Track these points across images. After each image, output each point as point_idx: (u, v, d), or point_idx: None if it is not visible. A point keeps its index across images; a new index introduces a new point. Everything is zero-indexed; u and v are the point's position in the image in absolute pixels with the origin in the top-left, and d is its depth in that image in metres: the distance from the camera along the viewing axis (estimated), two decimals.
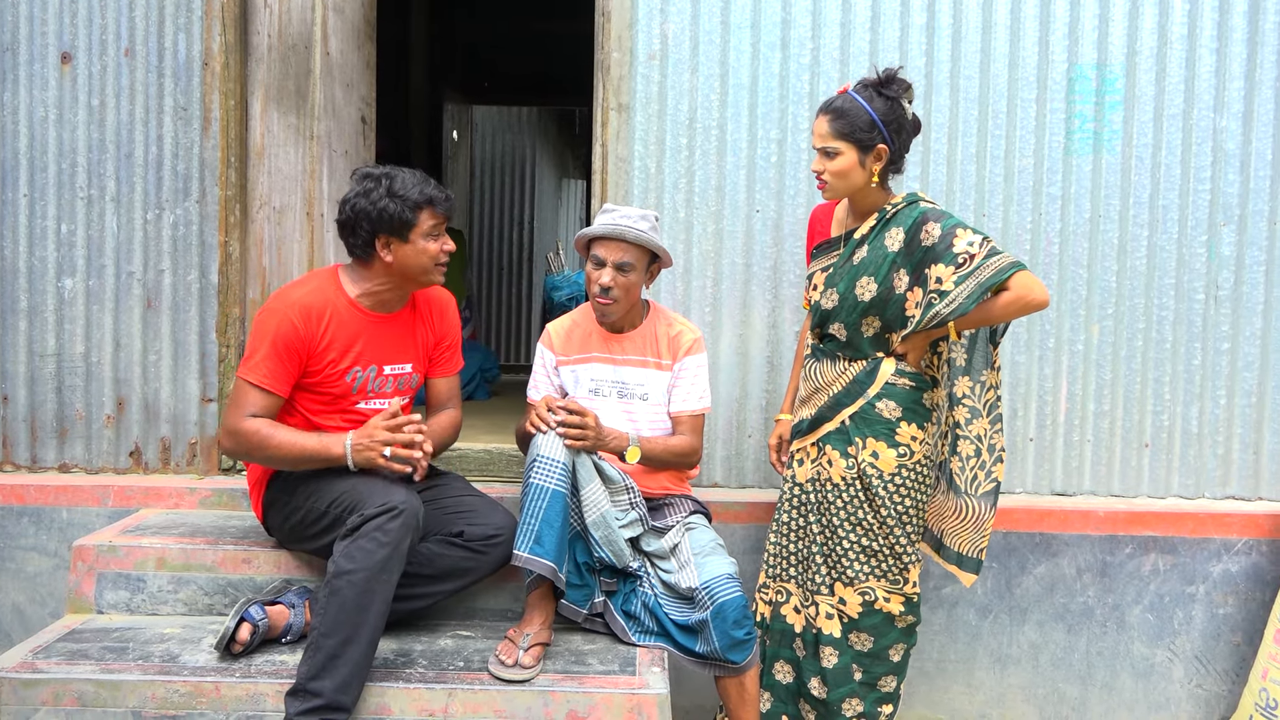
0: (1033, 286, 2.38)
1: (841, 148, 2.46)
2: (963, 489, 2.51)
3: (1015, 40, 3.26)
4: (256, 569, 2.77)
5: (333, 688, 2.24)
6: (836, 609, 2.57)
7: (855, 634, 2.56)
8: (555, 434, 2.54)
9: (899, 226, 2.49)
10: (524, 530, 2.48)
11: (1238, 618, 3.24)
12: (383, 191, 2.52)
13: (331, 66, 3.46)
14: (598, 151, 3.29)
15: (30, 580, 3.21)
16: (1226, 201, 3.28)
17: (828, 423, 2.59)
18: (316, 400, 2.61)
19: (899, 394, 2.53)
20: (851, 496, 2.54)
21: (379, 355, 2.66)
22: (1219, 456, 3.32)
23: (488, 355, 5.48)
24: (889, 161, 2.48)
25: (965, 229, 2.41)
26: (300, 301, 2.56)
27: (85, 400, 3.31)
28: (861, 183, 2.49)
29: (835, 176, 2.48)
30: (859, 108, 2.44)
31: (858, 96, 2.46)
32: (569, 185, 11.13)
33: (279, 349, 2.51)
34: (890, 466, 2.51)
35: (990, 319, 2.43)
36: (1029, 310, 2.41)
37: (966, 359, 2.50)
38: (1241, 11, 3.24)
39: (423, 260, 2.58)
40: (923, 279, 2.43)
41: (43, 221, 3.28)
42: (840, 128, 2.45)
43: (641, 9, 3.24)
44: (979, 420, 2.50)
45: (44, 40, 3.25)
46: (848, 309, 2.53)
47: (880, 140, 2.45)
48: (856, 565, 2.54)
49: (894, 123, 2.45)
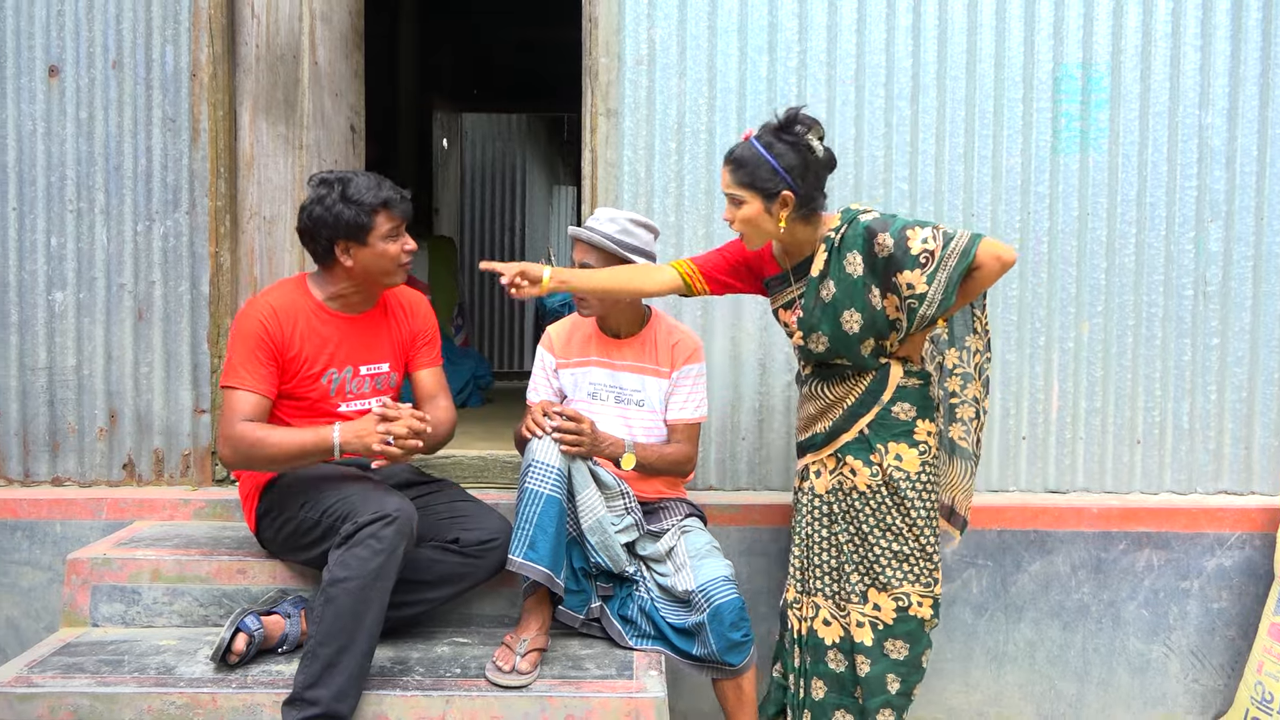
0: (999, 252, 2.39)
1: (745, 196, 2.42)
2: (970, 450, 2.59)
3: (1001, 41, 3.27)
4: (251, 579, 2.77)
5: (330, 696, 2.24)
6: (870, 616, 2.54)
7: (891, 641, 2.53)
8: (551, 439, 2.54)
9: (852, 250, 2.45)
10: (519, 535, 2.47)
11: (1232, 612, 3.25)
12: (336, 197, 2.53)
13: (320, 76, 3.47)
14: (587, 157, 3.30)
15: (25, 594, 3.19)
16: (1213, 198, 3.30)
17: (845, 433, 2.57)
18: (296, 406, 2.61)
19: (911, 394, 2.54)
20: (880, 503, 2.53)
21: (353, 356, 2.67)
22: (1211, 452, 3.34)
23: (481, 362, 5.48)
24: (798, 206, 2.43)
25: (913, 227, 2.40)
26: (268, 304, 2.60)
27: (77, 413, 3.30)
28: (772, 230, 2.45)
29: (744, 224, 2.45)
30: (758, 156, 2.40)
31: (757, 144, 2.41)
32: (559, 191, 11.13)
33: (254, 351, 2.54)
34: (915, 466, 2.52)
35: (970, 295, 2.47)
36: (1003, 272, 2.42)
37: (949, 331, 2.58)
38: (1224, 9, 3.27)
39: (383, 263, 2.59)
40: (894, 286, 2.42)
41: (32, 235, 3.27)
42: (741, 177, 2.42)
43: (628, 15, 3.25)
44: (973, 384, 2.57)
45: (31, 53, 3.25)
46: (843, 344, 2.51)
47: (784, 187, 2.39)
48: (890, 571, 2.52)
49: (797, 168, 2.39)
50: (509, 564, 2.48)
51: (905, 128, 3.27)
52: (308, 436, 2.48)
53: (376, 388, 2.72)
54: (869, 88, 3.27)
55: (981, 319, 2.60)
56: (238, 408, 2.51)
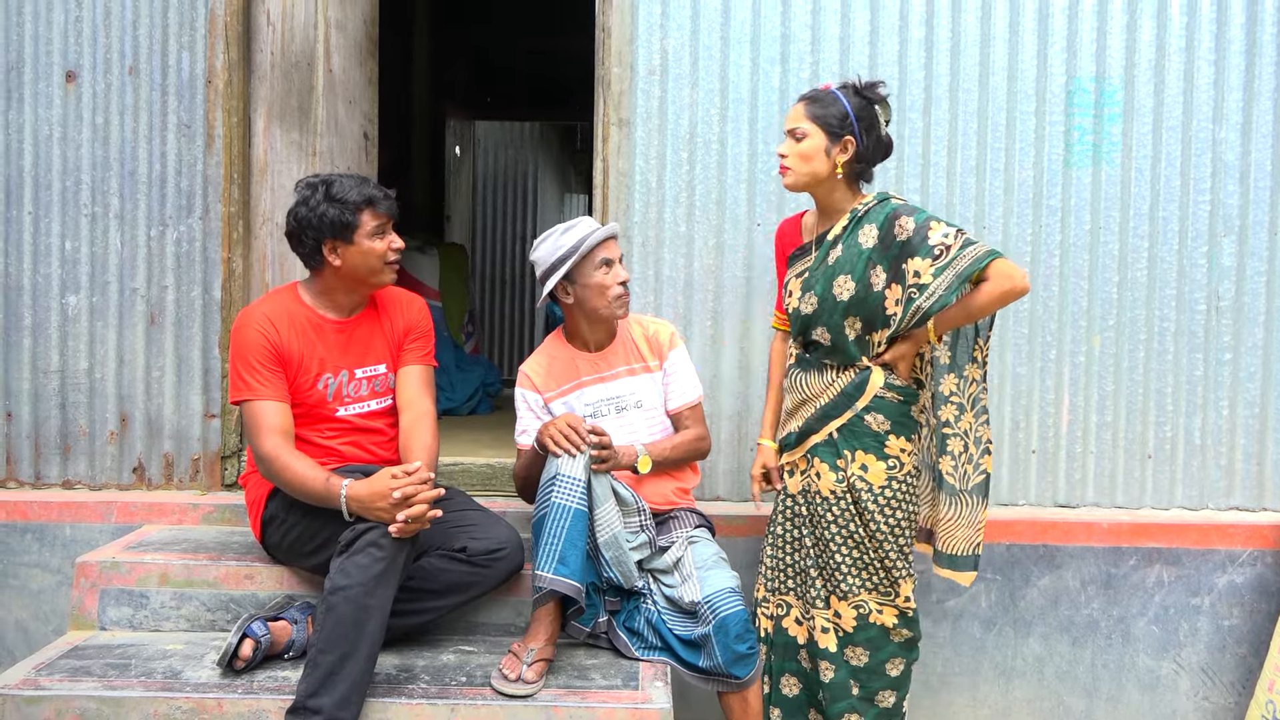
0: (1012, 274, 2.39)
1: (810, 130, 2.47)
2: (956, 486, 2.51)
3: (1014, 54, 3.27)
4: (259, 585, 2.77)
5: (332, 704, 2.24)
6: (832, 623, 2.56)
7: (851, 648, 2.54)
8: (586, 455, 2.51)
9: (872, 223, 2.49)
10: (547, 550, 2.44)
11: (1243, 629, 3.22)
12: (321, 197, 2.55)
13: (334, 83, 3.48)
14: (599, 166, 3.30)
15: (34, 597, 3.21)
16: (1227, 212, 3.29)
17: (815, 434, 2.57)
18: (295, 412, 2.62)
19: (888, 407, 2.52)
20: (842, 510, 2.53)
21: (347, 359, 2.68)
22: (1222, 467, 3.32)
23: (490, 369, 5.49)
24: (855, 159, 2.49)
25: (939, 222, 2.43)
26: (261, 313, 2.63)
27: (89, 416, 3.32)
28: (824, 172, 2.48)
29: (799, 159, 2.49)
30: (835, 99, 2.48)
31: (836, 91, 2.50)
32: (571, 200, 11.14)
33: (260, 360, 2.56)
34: (880, 479, 2.50)
35: (973, 314, 2.44)
36: (1011, 298, 2.41)
37: (950, 357, 2.52)
38: (1239, 24, 3.26)
39: (370, 261, 2.60)
40: (900, 274, 2.43)
41: (47, 239, 3.30)
42: (813, 111, 2.48)
43: (641, 25, 3.26)
44: (966, 415, 2.51)
45: (49, 59, 3.28)
46: (828, 310, 2.51)
47: (850, 133, 2.46)
48: (850, 579, 2.53)
49: (866, 120, 2.48)
50: (537, 579, 2.44)
51: (917, 140, 3.27)
52: (318, 486, 2.43)
53: (374, 389, 2.72)
54: None
55: (983, 349, 2.56)
56: (262, 420, 2.53)
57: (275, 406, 2.55)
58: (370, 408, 2.72)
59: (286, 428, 2.56)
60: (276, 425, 2.53)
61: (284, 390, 2.59)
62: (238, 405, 2.65)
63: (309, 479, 2.46)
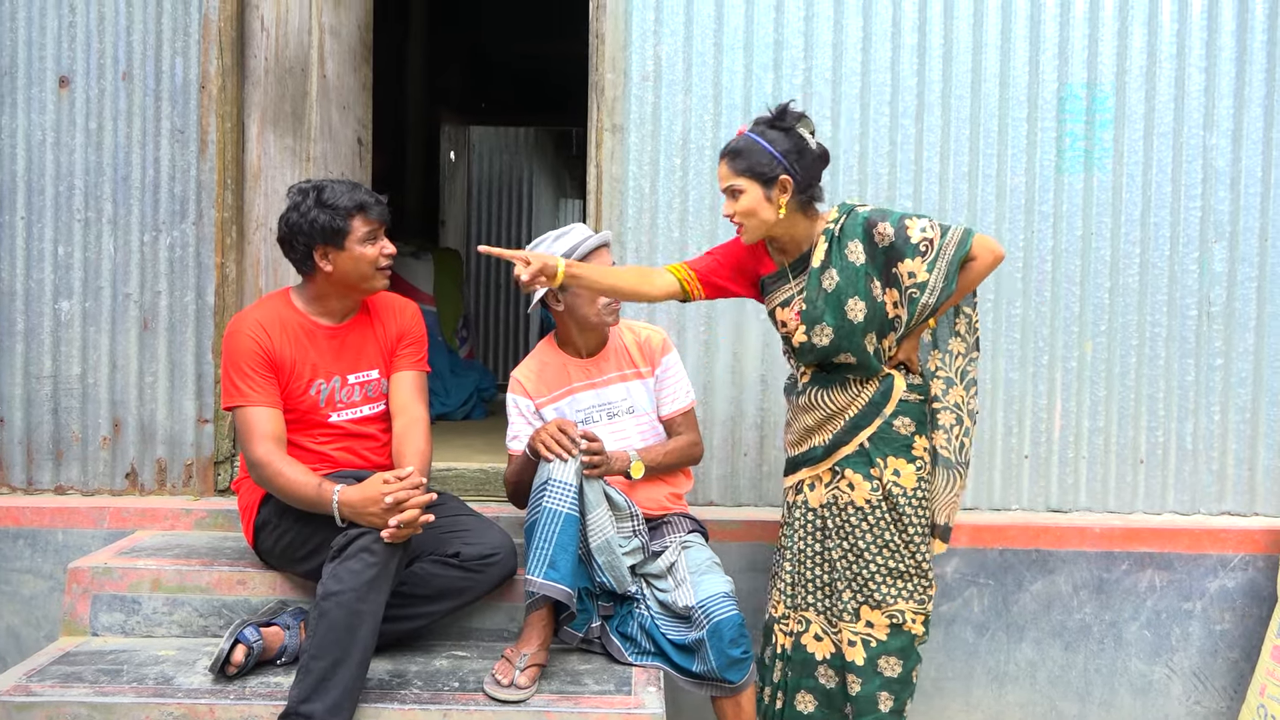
0: (991, 245, 2.48)
1: (744, 184, 2.44)
2: (951, 460, 2.53)
3: (1006, 60, 3.28)
4: (252, 590, 2.77)
5: (324, 710, 2.23)
6: (862, 635, 2.53)
7: (885, 658, 2.52)
8: (577, 460, 2.51)
9: (852, 239, 2.48)
10: (537, 555, 2.44)
11: (1235, 634, 3.23)
12: (312, 203, 2.55)
13: (328, 89, 3.49)
14: (592, 172, 3.31)
15: (25, 603, 3.20)
16: (1218, 219, 3.30)
17: (845, 446, 2.56)
18: (286, 419, 2.62)
19: (913, 409, 2.54)
20: (878, 519, 2.52)
21: (340, 365, 2.68)
22: (1214, 472, 3.33)
23: (485, 374, 5.49)
24: (796, 191, 2.45)
25: (911, 218, 2.46)
26: (253, 319, 2.63)
27: (81, 422, 3.31)
28: (773, 218, 2.46)
29: (744, 215, 2.47)
30: (754, 144, 2.44)
31: (752, 134, 2.46)
32: (566, 205, 11.15)
33: (252, 367, 2.56)
34: (912, 482, 2.52)
35: (965, 291, 2.50)
36: (995, 267, 2.49)
37: (933, 334, 2.56)
38: (1230, 31, 3.27)
39: (361, 267, 2.61)
40: (894, 278, 2.45)
41: (39, 244, 3.29)
42: (739, 166, 2.45)
43: (635, 31, 3.27)
44: (955, 388, 2.54)
45: (42, 64, 3.28)
46: (847, 336, 2.49)
47: (781, 171, 2.42)
48: (885, 588, 2.51)
49: (793, 152, 2.43)
50: (528, 584, 2.44)
51: (910, 146, 3.28)
52: (310, 493, 2.44)
53: (367, 395, 2.72)
54: (874, 105, 3.28)
55: (973, 317, 2.58)
56: (255, 426, 2.53)
57: (267, 413, 2.55)
58: (363, 413, 2.71)
59: (279, 434, 2.56)
60: (269, 431, 2.53)
61: (276, 396, 2.59)
62: (230, 411, 2.65)
63: (301, 485, 2.46)
